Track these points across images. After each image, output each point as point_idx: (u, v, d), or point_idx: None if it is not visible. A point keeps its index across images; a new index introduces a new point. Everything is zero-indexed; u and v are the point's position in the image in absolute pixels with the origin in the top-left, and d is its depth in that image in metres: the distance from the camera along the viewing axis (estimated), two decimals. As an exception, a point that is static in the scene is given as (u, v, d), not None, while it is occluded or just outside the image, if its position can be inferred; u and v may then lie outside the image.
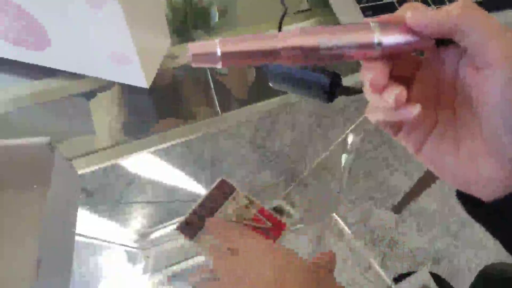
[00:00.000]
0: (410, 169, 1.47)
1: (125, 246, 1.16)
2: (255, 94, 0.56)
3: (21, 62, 0.54)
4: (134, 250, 1.17)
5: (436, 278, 0.91)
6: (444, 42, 0.26)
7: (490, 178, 0.26)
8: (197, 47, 0.24)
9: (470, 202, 0.29)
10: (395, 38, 0.25)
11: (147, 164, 1.37)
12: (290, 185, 1.29)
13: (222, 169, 1.40)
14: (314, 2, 0.64)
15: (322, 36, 0.25)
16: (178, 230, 0.58)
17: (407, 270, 1.21)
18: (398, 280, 1.00)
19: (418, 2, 0.26)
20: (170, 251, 1.16)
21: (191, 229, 0.58)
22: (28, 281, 0.41)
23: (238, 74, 0.57)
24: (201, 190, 1.34)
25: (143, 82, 0.52)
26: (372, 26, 0.25)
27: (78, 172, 0.48)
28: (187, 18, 0.60)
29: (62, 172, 0.43)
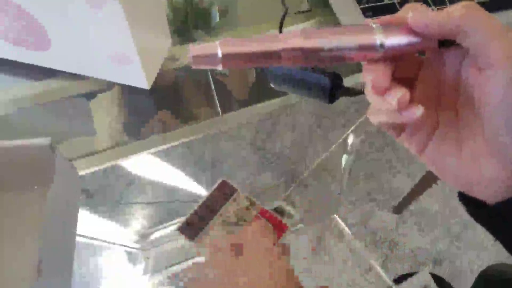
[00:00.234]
0: (413, 170, 1.46)
1: (125, 246, 1.15)
2: (256, 95, 0.56)
3: (21, 62, 0.54)
4: (134, 250, 1.17)
5: (437, 279, 0.91)
6: (446, 43, 0.26)
7: (492, 179, 0.26)
8: (197, 49, 0.24)
9: (472, 204, 0.29)
10: (397, 39, 0.25)
11: (148, 164, 1.36)
12: (290, 186, 1.29)
13: (223, 170, 1.40)
14: (315, 2, 0.64)
15: (323, 37, 0.25)
16: (178, 230, 0.58)
17: (408, 271, 1.21)
18: (398, 281, 1.00)
19: (419, 3, 0.26)
20: (170, 252, 1.16)
21: (192, 229, 0.58)
22: (28, 282, 0.41)
23: (238, 75, 0.57)
24: (201, 191, 1.34)
25: (144, 82, 0.52)
26: (374, 27, 0.25)
27: (79, 173, 0.48)
28: (188, 18, 0.60)
29: (63, 173, 0.43)
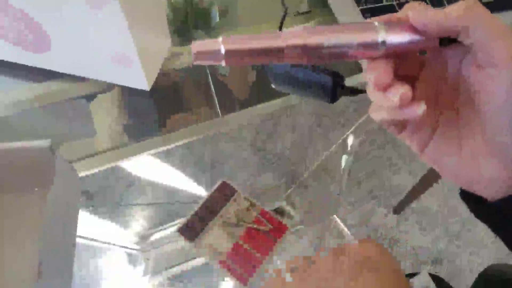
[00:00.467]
0: (414, 168, 1.46)
1: (125, 248, 1.15)
2: (256, 95, 0.56)
3: (21, 64, 0.54)
4: (134, 252, 1.17)
5: (436, 279, 0.91)
6: (447, 41, 0.26)
7: (492, 179, 0.26)
8: (200, 45, 0.24)
9: (473, 201, 0.29)
10: (399, 37, 0.25)
11: (148, 166, 1.36)
12: (290, 187, 1.29)
13: (223, 171, 1.39)
14: (314, 3, 0.64)
15: (325, 35, 0.25)
16: (178, 232, 0.58)
17: (410, 269, 1.21)
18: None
19: (419, 2, 0.26)
20: (170, 253, 1.16)
21: (192, 231, 0.58)
22: (28, 283, 0.41)
23: (238, 75, 0.57)
24: (201, 192, 1.34)
25: (144, 84, 0.52)
26: (376, 25, 0.25)
27: (79, 174, 0.48)
28: (188, 18, 0.60)
29: (63, 174, 0.42)
